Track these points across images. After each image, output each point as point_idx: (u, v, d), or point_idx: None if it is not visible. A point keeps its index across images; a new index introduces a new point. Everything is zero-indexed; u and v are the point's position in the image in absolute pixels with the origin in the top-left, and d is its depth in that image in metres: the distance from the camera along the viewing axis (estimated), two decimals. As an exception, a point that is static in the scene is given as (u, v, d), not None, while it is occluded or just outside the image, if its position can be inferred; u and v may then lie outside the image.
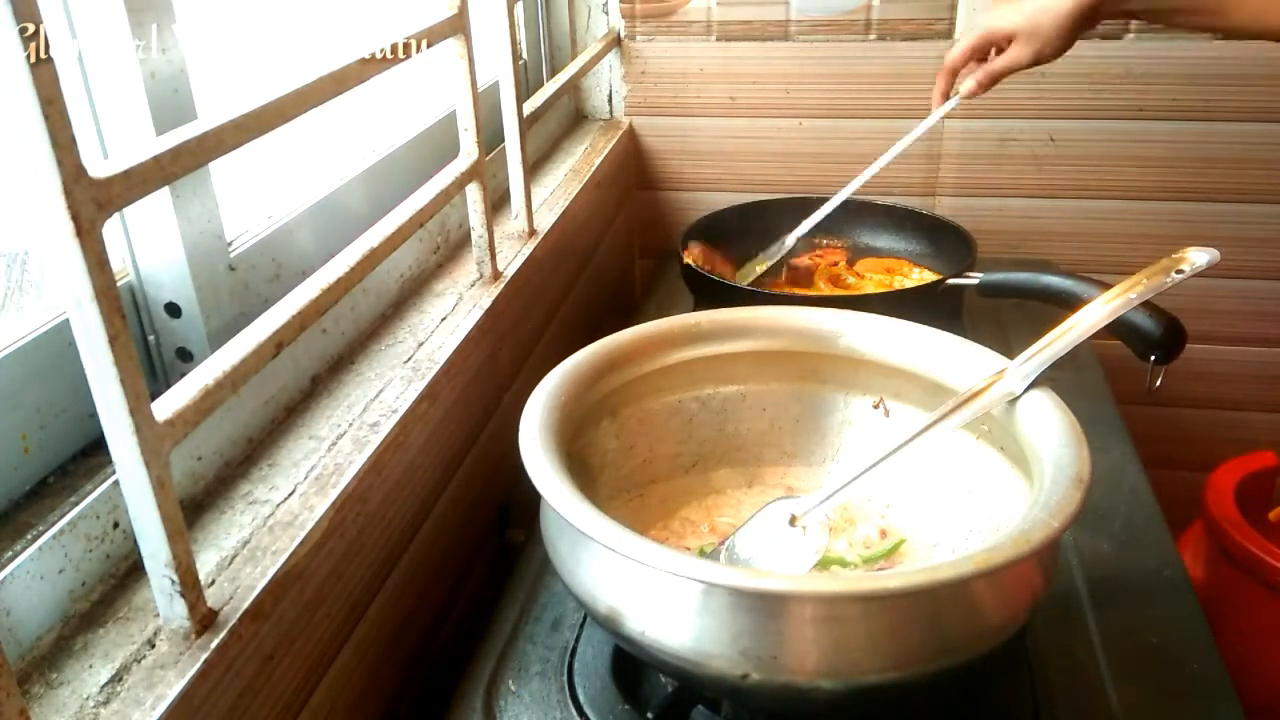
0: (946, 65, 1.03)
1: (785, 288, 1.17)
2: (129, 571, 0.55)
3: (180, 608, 0.48)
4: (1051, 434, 0.62)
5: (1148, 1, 0.92)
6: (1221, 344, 1.42)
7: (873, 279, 1.18)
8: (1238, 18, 0.89)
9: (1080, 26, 0.93)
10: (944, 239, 1.20)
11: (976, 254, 1.13)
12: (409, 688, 0.75)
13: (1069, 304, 0.83)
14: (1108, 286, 0.69)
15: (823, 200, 1.18)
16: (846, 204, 1.19)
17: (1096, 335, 0.67)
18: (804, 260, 1.20)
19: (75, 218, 0.40)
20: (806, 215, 1.18)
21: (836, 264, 1.21)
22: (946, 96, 1.05)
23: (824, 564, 0.70)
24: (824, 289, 1.15)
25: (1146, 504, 0.85)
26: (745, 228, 1.25)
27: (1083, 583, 0.76)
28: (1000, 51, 0.99)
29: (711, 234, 1.21)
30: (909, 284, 1.14)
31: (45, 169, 0.39)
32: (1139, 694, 0.66)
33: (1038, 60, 0.96)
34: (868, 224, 1.26)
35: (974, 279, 1.03)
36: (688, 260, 1.12)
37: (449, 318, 0.84)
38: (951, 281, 1.03)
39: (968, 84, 1.02)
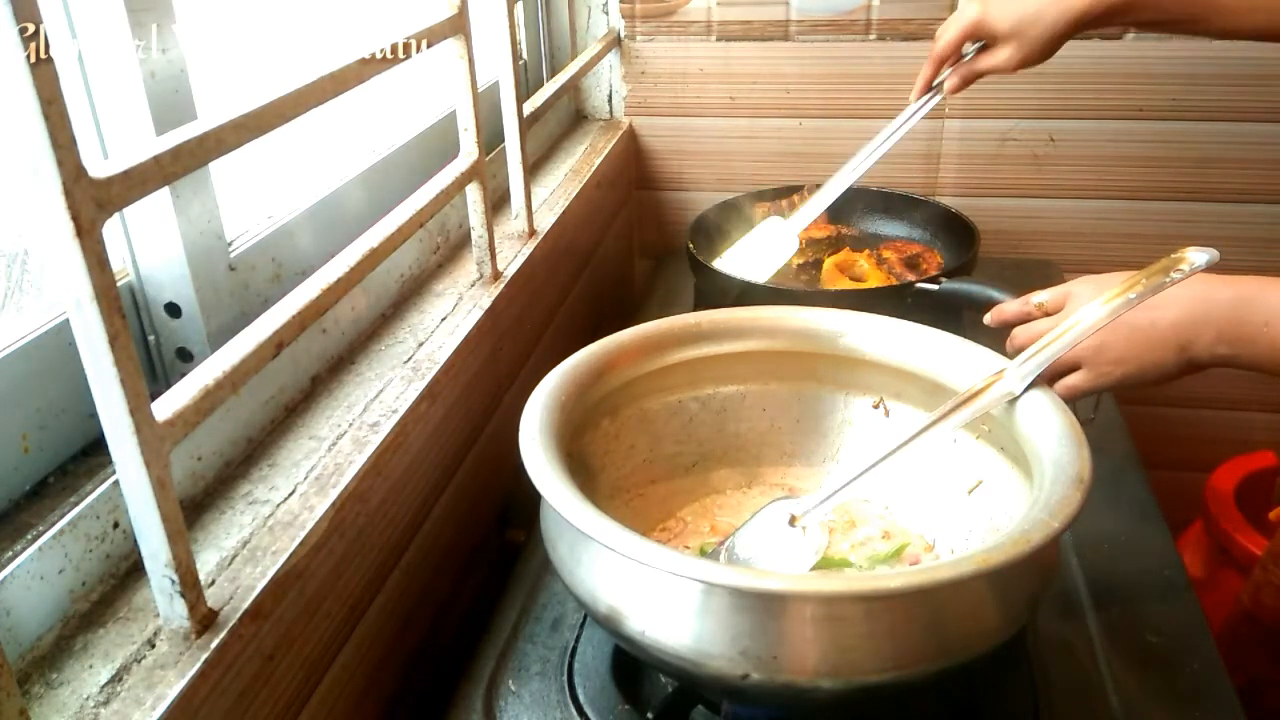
0: (934, 54, 1.00)
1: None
2: (129, 571, 0.55)
3: (180, 608, 0.49)
4: (1051, 434, 0.62)
5: (1134, 14, 0.93)
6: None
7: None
8: (1219, 23, 0.92)
9: (1067, 36, 0.93)
10: (947, 231, 1.21)
11: (978, 248, 1.13)
12: (409, 688, 0.74)
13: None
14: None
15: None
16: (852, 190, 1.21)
17: None
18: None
19: (75, 218, 0.40)
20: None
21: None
22: (929, 86, 1.02)
23: (834, 567, 0.70)
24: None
25: (1146, 504, 0.85)
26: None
27: (1083, 583, 0.76)
28: (986, 48, 0.98)
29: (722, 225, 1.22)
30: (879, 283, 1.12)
31: (45, 169, 0.39)
32: (1139, 694, 0.66)
33: (1023, 64, 0.95)
34: (874, 212, 1.26)
35: (933, 286, 1.01)
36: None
37: (449, 318, 0.84)
38: (920, 285, 1.02)
39: (949, 80, 1.00)
